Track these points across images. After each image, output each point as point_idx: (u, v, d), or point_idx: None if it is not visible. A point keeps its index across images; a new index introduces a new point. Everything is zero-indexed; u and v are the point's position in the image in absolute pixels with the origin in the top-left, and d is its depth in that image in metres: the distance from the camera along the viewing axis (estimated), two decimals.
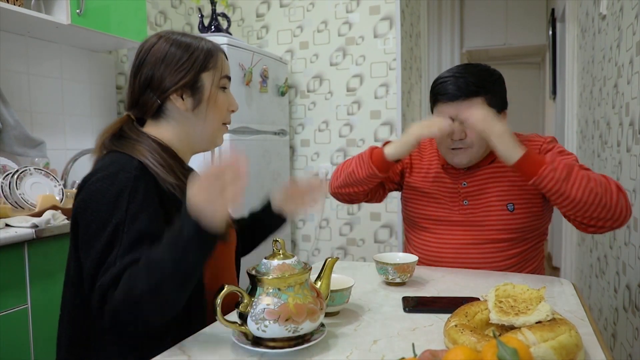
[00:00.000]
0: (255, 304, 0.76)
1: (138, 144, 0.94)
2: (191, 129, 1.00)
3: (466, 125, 1.25)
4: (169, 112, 0.99)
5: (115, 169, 0.87)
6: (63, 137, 2.29)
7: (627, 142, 1.95)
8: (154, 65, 0.96)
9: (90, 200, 0.86)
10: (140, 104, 0.98)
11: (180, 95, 0.97)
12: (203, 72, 0.98)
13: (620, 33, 2.08)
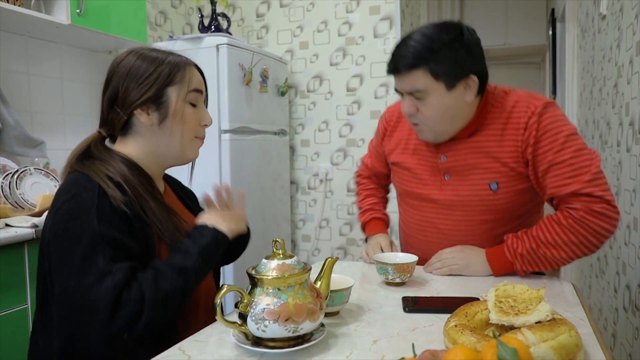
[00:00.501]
0: (255, 304, 0.76)
1: (102, 164, 0.92)
2: (159, 144, 0.98)
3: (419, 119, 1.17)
4: (136, 127, 0.97)
5: (77, 189, 0.87)
6: (63, 137, 2.29)
7: (627, 142, 1.95)
8: (120, 80, 0.94)
9: (60, 224, 0.85)
10: (108, 121, 0.97)
11: (145, 110, 0.95)
12: (168, 86, 0.96)
13: (620, 33, 2.08)
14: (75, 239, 0.82)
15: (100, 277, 0.79)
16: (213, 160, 2.29)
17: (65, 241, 0.83)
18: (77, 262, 0.80)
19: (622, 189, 2.03)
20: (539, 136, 1.14)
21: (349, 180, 2.96)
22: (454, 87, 1.13)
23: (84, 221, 0.83)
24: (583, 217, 1.10)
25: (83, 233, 0.82)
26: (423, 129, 1.21)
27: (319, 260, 3.04)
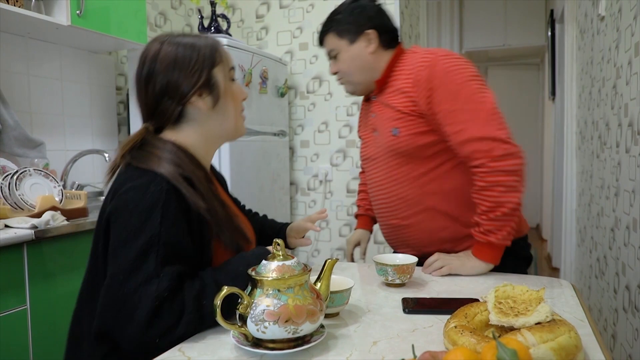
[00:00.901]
0: (255, 305, 0.76)
1: (161, 157, 0.92)
2: (214, 126, 1.01)
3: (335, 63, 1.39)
4: (190, 115, 0.98)
5: (146, 181, 0.87)
6: (63, 138, 2.29)
7: (626, 143, 1.95)
8: (167, 72, 0.94)
9: (123, 210, 0.86)
10: (158, 113, 0.97)
11: (200, 96, 0.97)
12: (213, 67, 0.98)
13: (619, 34, 2.08)
14: (134, 233, 0.84)
15: (148, 279, 0.81)
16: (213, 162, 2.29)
17: (125, 231, 0.84)
18: (130, 258, 0.82)
19: (621, 189, 2.03)
20: (431, 89, 1.23)
21: (349, 181, 2.96)
22: (355, 41, 1.35)
23: (147, 217, 0.84)
24: (491, 168, 1.18)
25: (143, 229, 0.83)
26: (344, 82, 1.42)
27: (319, 261, 3.04)
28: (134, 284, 0.80)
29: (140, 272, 0.81)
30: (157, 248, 0.83)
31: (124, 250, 0.83)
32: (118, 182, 0.91)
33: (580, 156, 3.14)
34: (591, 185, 2.73)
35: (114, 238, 0.86)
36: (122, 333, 0.81)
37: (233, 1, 3.17)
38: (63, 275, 1.59)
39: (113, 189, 0.91)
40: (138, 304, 0.79)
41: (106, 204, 0.91)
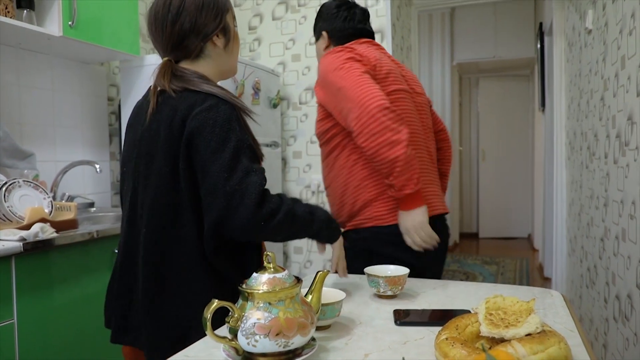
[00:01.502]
0: (246, 319, 0.75)
1: (208, 82, 1.07)
2: (223, 63, 1.17)
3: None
4: (207, 51, 1.13)
5: (214, 102, 1.02)
6: (53, 149, 2.27)
7: (614, 154, 1.97)
8: (194, 13, 1.08)
9: (204, 127, 0.99)
10: (181, 48, 1.11)
11: (217, 36, 1.12)
12: (226, 14, 1.14)
13: (605, 47, 2.11)
14: (222, 142, 0.98)
15: (247, 173, 0.96)
16: None
17: (213, 142, 0.98)
18: (226, 160, 0.96)
19: (610, 200, 2.05)
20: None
21: None
22: (317, 39, 1.68)
23: (228, 128, 0.99)
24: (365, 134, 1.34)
25: (229, 137, 0.98)
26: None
27: (311, 272, 3.03)
28: (236, 179, 0.95)
29: (238, 170, 0.96)
30: (244, 150, 0.99)
31: (217, 157, 0.97)
32: (184, 107, 1.02)
33: (570, 166, 3.18)
34: (581, 196, 2.75)
35: (203, 150, 0.98)
36: (236, 218, 0.94)
37: None
38: (52, 289, 1.57)
39: (180, 112, 1.01)
40: (246, 192, 0.95)
41: (173, 127, 1.01)
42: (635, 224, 1.67)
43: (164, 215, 1.03)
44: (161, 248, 1.03)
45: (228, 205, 0.95)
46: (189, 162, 1.00)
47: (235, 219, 0.94)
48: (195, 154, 0.99)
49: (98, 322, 1.72)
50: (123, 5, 2.21)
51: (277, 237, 1.04)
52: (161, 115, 1.04)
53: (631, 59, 1.72)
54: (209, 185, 0.97)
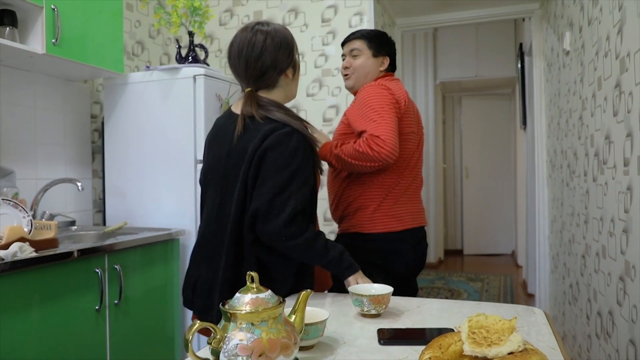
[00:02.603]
0: (228, 340, 0.74)
1: (287, 113, 1.32)
2: (289, 90, 1.43)
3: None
4: (281, 82, 1.38)
5: (290, 130, 1.27)
6: (34, 167, 2.24)
7: (593, 172, 2.01)
8: (272, 53, 1.32)
9: (277, 146, 1.24)
10: (262, 80, 1.35)
11: (288, 69, 1.37)
12: (294, 49, 1.40)
13: (582, 68, 2.17)
14: (284, 163, 1.24)
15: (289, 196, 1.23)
16: (189, 190, 2.27)
17: (279, 160, 1.24)
18: (281, 180, 1.23)
19: (590, 217, 2.08)
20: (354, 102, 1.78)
21: (325, 210, 2.97)
22: (377, 56, 1.84)
23: (294, 155, 1.25)
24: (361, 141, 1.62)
25: (291, 162, 1.25)
26: (350, 76, 1.86)
27: None
28: (281, 199, 1.22)
29: (286, 192, 1.22)
30: (299, 176, 1.24)
31: (276, 174, 1.23)
32: (266, 129, 1.26)
33: (551, 184, 3.23)
34: (562, 213, 2.79)
35: (270, 165, 1.24)
36: (267, 227, 1.22)
37: (211, 31, 3.21)
38: (31, 310, 1.53)
39: (263, 133, 1.26)
40: (282, 211, 1.21)
41: (255, 144, 1.26)
42: (615, 241, 1.70)
43: (240, 217, 1.28)
44: (237, 244, 1.28)
45: (266, 215, 1.22)
46: (257, 171, 1.26)
47: (266, 227, 1.23)
48: (263, 164, 1.25)
49: (79, 342, 1.68)
50: (108, 23, 2.22)
51: (293, 254, 1.28)
52: (249, 136, 1.28)
53: (607, 80, 1.77)
54: (261, 192, 1.24)
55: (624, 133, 1.58)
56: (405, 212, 1.76)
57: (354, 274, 1.32)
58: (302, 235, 1.23)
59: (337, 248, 1.31)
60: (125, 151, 2.40)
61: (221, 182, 1.34)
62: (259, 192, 1.24)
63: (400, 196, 1.75)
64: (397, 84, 1.81)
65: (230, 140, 1.32)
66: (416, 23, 3.77)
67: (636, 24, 1.45)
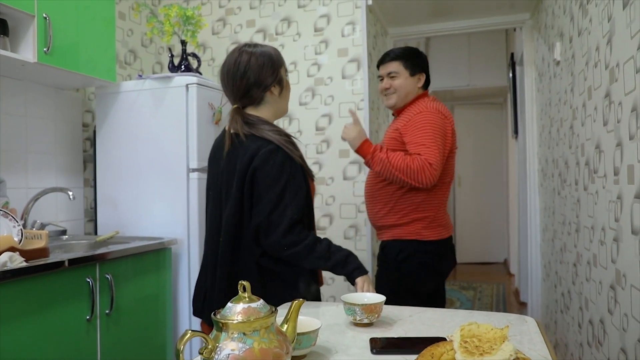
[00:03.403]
0: (220, 350, 0.74)
1: (271, 129, 1.38)
2: (278, 108, 1.49)
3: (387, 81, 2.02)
4: (267, 99, 1.44)
5: (274, 147, 1.35)
6: (25, 176, 2.23)
7: (584, 181, 2.03)
8: (256, 71, 1.40)
9: (264, 165, 1.33)
10: (247, 98, 1.42)
11: (274, 86, 1.44)
12: (280, 68, 1.46)
13: (573, 78, 2.19)
14: (275, 179, 1.33)
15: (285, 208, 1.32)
16: (181, 199, 2.27)
17: (269, 178, 1.33)
18: (275, 195, 1.32)
19: (581, 226, 2.10)
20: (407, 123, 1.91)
21: (318, 218, 2.97)
22: (414, 75, 2.00)
23: (281, 170, 1.33)
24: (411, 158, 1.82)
25: (280, 177, 1.33)
26: (391, 96, 2.02)
27: None
28: (278, 212, 1.32)
29: (281, 205, 1.32)
30: (289, 189, 1.33)
31: (269, 190, 1.32)
32: (253, 148, 1.34)
33: (543, 193, 3.25)
34: (554, 221, 2.81)
35: (261, 183, 1.33)
36: (268, 239, 1.33)
37: (204, 40, 3.22)
38: (22, 320, 1.51)
39: (250, 152, 1.34)
40: (280, 223, 1.31)
41: (244, 163, 1.34)
42: (605, 250, 1.71)
43: (233, 230, 1.36)
44: (231, 255, 1.37)
45: (267, 229, 1.32)
46: (252, 190, 1.35)
47: (267, 240, 1.33)
48: (255, 184, 1.34)
49: (70, 353, 1.66)
50: (100, 31, 2.22)
51: (297, 262, 1.36)
52: (236, 153, 1.37)
53: (597, 90, 1.79)
54: (258, 209, 1.34)
55: (614, 142, 1.60)
56: (448, 221, 2.01)
57: (362, 275, 1.37)
58: (302, 243, 1.32)
59: (342, 252, 1.38)
60: (117, 160, 2.39)
61: (218, 197, 1.44)
62: (257, 210, 1.34)
63: (445, 207, 2.01)
64: (443, 106, 2.00)
65: (222, 158, 1.43)
66: (408, 32, 3.79)
67: (625, 34, 1.47)
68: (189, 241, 2.27)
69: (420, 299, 1.78)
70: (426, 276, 1.94)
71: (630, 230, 1.45)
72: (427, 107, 1.91)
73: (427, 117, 1.86)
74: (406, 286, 1.91)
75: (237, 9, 3.17)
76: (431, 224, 1.93)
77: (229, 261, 1.38)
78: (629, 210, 1.46)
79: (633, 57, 1.40)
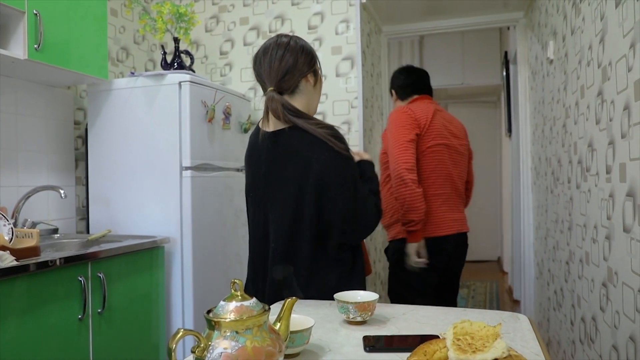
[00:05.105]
0: (212, 349, 0.73)
1: (310, 122, 1.35)
2: (311, 101, 1.46)
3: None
4: (301, 87, 1.41)
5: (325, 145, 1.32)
6: (15, 174, 2.21)
7: (576, 179, 2.04)
8: (294, 56, 1.38)
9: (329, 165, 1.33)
10: (284, 81, 1.38)
11: (309, 75, 1.42)
12: (316, 58, 1.46)
13: (566, 77, 2.20)
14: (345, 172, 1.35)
15: (365, 197, 1.39)
16: (174, 197, 2.26)
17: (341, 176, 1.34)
18: (349, 187, 1.34)
19: (573, 224, 2.11)
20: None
21: None
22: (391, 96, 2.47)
23: (347, 160, 1.36)
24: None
25: (348, 168, 1.36)
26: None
27: None
28: (359, 202, 1.36)
29: (360, 194, 1.37)
30: (355, 178, 1.38)
31: (344, 185, 1.34)
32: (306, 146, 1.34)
33: (536, 191, 3.26)
34: (546, 220, 2.82)
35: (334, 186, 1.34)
36: (363, 225, 1.40)
37: (197, 37, 3.20)
38: (12, 319, 1.50)
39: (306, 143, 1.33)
40: (369, 210, 1.39)
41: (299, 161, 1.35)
42: (598, 248, 1.72)
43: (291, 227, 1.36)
44: (286, 253, 1.37)
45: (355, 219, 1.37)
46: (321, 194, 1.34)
47: (363, 226, 1.41)
48: (326, 191, 1.34)
49: (61, 352, 1.65)
50: (91, 28, 2.20)
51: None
52: (285, 154, 1.36)
53: (590, 88, 1.80)
54: (342, 209, 1.35)
55: (606, 141, 1.60)
56: (442, 218, 2.12)
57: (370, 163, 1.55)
58: (380, 212, 1.44)
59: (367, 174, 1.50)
60: (109, 158, 2.38)
61: (263, 199, 1.42)
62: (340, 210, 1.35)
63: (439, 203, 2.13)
64: (420, 104, 2.15)
65: (261, 158, 1.41)
66: (402, 30, 3.80)
67: (617, 33, 1.47)
68: (182, 240, 2.26)
69: (426, 295, 2.07)
70: (420, 273, 2.10)
71: (621, 228, 1.46)
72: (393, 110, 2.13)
73: (391, 119, 2.08)
74: (408, 284, 2.13)
75: (231, 6, 3.16)
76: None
77: (282, 261, 1.38)
78: (621, 208, 1.47)
79: (625, 56, 1.41)
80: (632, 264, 1.37)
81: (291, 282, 1.38)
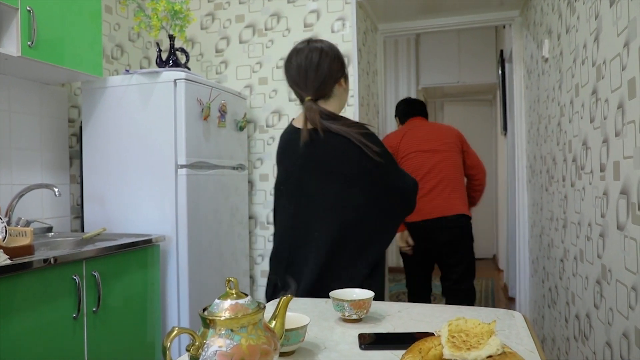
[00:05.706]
0: (207, 346, 0.73)
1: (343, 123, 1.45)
2: (342, 100, 1.58)
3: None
4: (335, 91, 1.53)
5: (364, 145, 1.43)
6: (9, 172, 2.19)
7: (571, 177, 2.05)
8: (329, 63, 1.48)
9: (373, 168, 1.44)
10: (321, 88, 1.48)
11: (342, 79, 1.54)
12: (345, 61, 1.57)
13: (561, 75, 2.21)
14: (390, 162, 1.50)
15: (408, 179, 1.56)
16: (169, 195, 2.25)
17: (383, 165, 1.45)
18: (394, 173, 1.51)
19: (568, 222, 2.12)
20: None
21: None
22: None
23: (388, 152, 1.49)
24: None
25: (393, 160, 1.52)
26: None
27: None
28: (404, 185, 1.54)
29: (404, 178, 1.54)
30: (396, 163, 1.54)
31: (391, 172, 1.49)
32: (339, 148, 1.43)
33: (531, 189, 3.27)
34: (541, 217, 2.83)
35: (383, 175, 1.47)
36: (410, 202, 1.56)
37: (192, 35, 3.19)
38: (5, 318, 1.49)
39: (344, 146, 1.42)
40: (412, 191, 1.55)
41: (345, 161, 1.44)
42: (592, 245, 1.73)
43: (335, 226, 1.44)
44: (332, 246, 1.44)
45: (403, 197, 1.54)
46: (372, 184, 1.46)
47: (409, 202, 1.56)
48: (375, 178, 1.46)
49: (56, 352, 1.64)
50: (86, 25, 2.18)
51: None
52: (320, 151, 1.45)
53: (584, 87, 1.81)
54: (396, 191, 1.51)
55: (600, 139, 1.61)
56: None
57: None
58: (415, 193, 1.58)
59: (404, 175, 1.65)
60: (104, 156, 2.37)
61: (296, 192, 1.50)
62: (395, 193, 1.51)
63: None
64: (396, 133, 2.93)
65: (296, 153, 1.49)
66: (398, 28, 3.80)
67: (612, 32, 1.48)
68: (177, 238, 2.26)
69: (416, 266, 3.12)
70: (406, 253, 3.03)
71: (615, 225, 1.47)
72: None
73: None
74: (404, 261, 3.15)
75: (226, 4, 3.15)
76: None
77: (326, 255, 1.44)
78: (615, 206, 1.47)
79: (619, 55, 1.41)
80: (626, 261, 1.38)
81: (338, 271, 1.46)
